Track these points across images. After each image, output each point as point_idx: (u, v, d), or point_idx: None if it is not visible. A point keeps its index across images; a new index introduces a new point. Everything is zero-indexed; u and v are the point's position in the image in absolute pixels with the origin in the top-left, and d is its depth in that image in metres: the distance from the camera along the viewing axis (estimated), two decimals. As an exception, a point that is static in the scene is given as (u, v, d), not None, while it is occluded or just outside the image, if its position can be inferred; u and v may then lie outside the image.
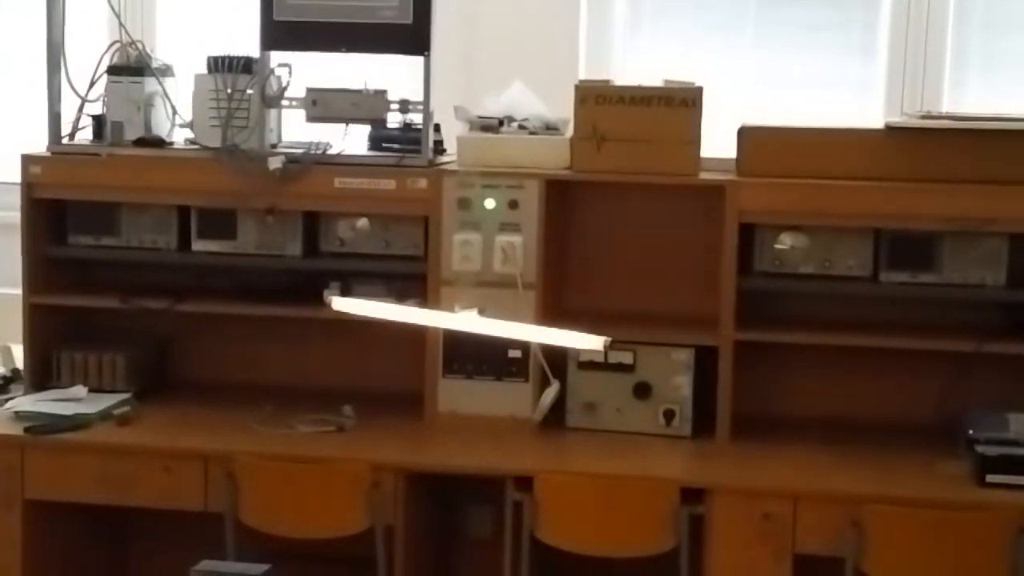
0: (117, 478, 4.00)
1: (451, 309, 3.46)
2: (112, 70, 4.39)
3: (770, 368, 4.30)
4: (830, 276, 4.11)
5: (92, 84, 4.42)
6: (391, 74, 4.34)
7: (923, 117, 4.22)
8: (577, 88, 4.17)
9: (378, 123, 4.31)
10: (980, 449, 3.81)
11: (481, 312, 3.20)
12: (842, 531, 3.65)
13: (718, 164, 4.17)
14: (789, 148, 4.08)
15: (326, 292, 4.23)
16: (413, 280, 4.27)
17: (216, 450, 3.99)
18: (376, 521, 3.87)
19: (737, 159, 4.13)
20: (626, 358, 4.15)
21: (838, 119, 4.42)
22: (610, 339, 2.74)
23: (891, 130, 4.06)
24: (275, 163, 4.19)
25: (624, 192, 4.34)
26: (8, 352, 4.87)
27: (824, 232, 4.08)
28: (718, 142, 4.23)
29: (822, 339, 4.11)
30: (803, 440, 4.10)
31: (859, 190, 4.01)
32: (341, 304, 3.20)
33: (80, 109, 4.44)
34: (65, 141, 4.43)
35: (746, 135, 4.12)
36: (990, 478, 3.72)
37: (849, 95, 5.28)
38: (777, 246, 4.08)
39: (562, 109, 4.27)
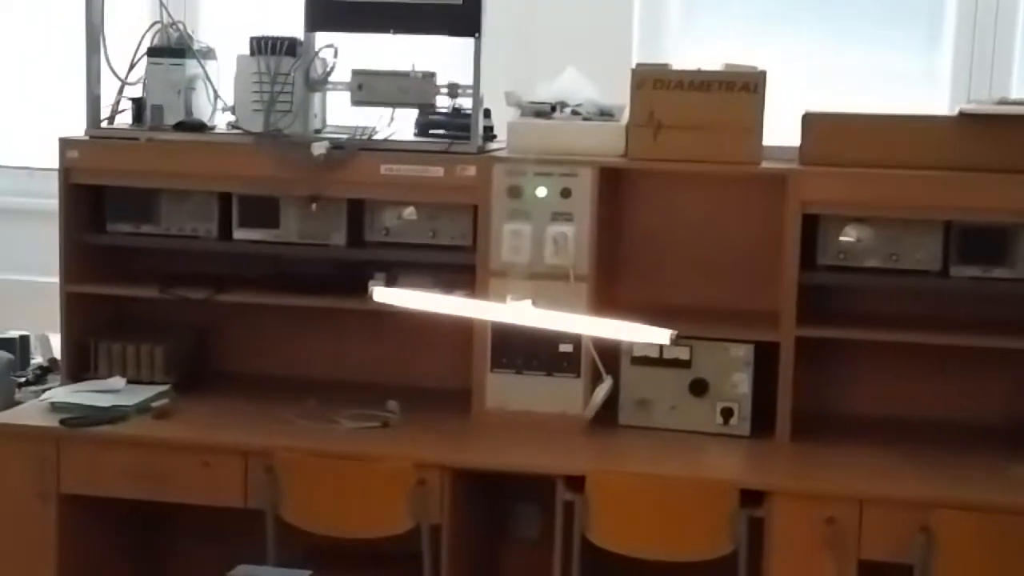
0: (154, 473, 3.89)
1: (500, 301, 3.33)
2: (152, 52, 4.29)
3: (833, 366, 4.17)
4: (897, 270, 3.96)
5: (132, 66, 4.32)
6: (440, 57, 4.21)
7: (998, 103, 4.04)
8: (634, 72, 4.04)
9: (426, 108, 4.19)
10: (1055, 453, 3.65)
11: (532, 306, 3.05)
12: (910, 537, 3.51)
13: (780, 153, 4.03)
14: (856, 136, 3.93)
15: (371, 283, 4.11)
16: (461, 271, 4.15)
17: (256, 445, 3.87)
18: (421, 520, 3.76)
19: (801, 147, 3.98)
20: (682, 354, 4.02)
21: (902, 110, 4.25)
22: (675, 332, 2.59)
23: (964, 117, 3.89)
24: (319, 149, 4.07)
25: (682, 181, 4.22)
26: (46, 341, 4.80)
27: (891, 224, 3.93)
28: (777, 133, 4.08)
29: (888, 336, 3.97)
30: (867, 441, 3.96)
31: (929, 180, 3.86)
32: (384, 295, 3.05)
33: (120, 92, 4.35)
34: (104, 125, 4.33)
35: (811, 122, 3.97)
36: (1066, 484, 3.56)
37: (913, 87, 5.13)
38: (842, 238, 3.95)
39: (615, 95, 4.15)
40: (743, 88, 3.94)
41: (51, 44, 5.38)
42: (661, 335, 2.56)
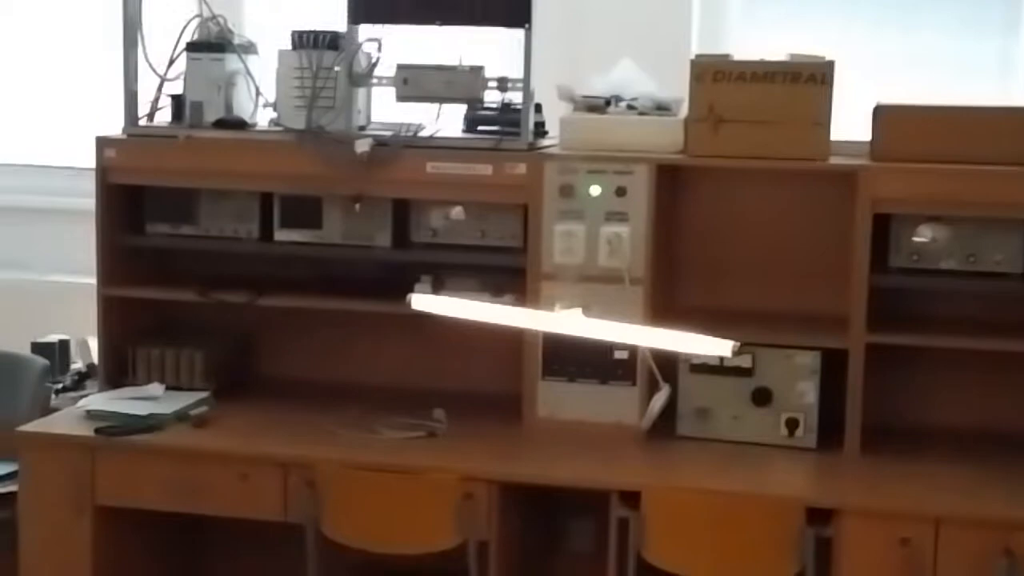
0: (192, 484, 3.76)
1: (551, 305, 3.16)
2: (192, 47, 4.16)
3: (905, 374, 3.98)
4: (975, 273, 3.79)
5: (171, 62, 4.20)
6: (489, 50, 4.05)
7: (1082, 95, 3.82)
8: (693, 64, 3.87)
9: (474, 103, 4.04)
10: None
11: (585, 311, 2.86)
12: (992, 561, 3.31)
13: (850, 148, 3.86)
14: (931, 129, 3.74)
15: (417, 286, 3.98)
16: (511, 274, 3.99)
17: (297, 456, 3.72)
18: (468, 536, 3.59)
19: (871, 142, 3.81)
20: (744, 361, 3.84)
21: (976, 100, 4.04)
22: (738, 343, 2.38)
23: (1047, 109, 3.68)
24: (363, 146, 3.93)
25: (744, 178, 4.03)
26: (85, 346, 4.71)
27: (969, 223, 3.76)
28: (845, 127, 3.91)
29: (965, 343, 3.78)
30: (944, 455, 3.78)
31: (1009, 177, 3.66)
32: (423, 303, 2.86)
33: (159, 89, 4.23)
34: (143, 123, 4.20)
35: (883, 115, 3.78)
36: None
37: (987, 77, 4.90)
38: (915, 239, 3.78)
39: (673, 88, 4.00)
40: (809, 79, 3.76)
41: (88, 39, 5.26)
42: (722, 347, 2.35)
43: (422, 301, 2.92)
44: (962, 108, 3.78)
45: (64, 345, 4.70)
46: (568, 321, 2.71)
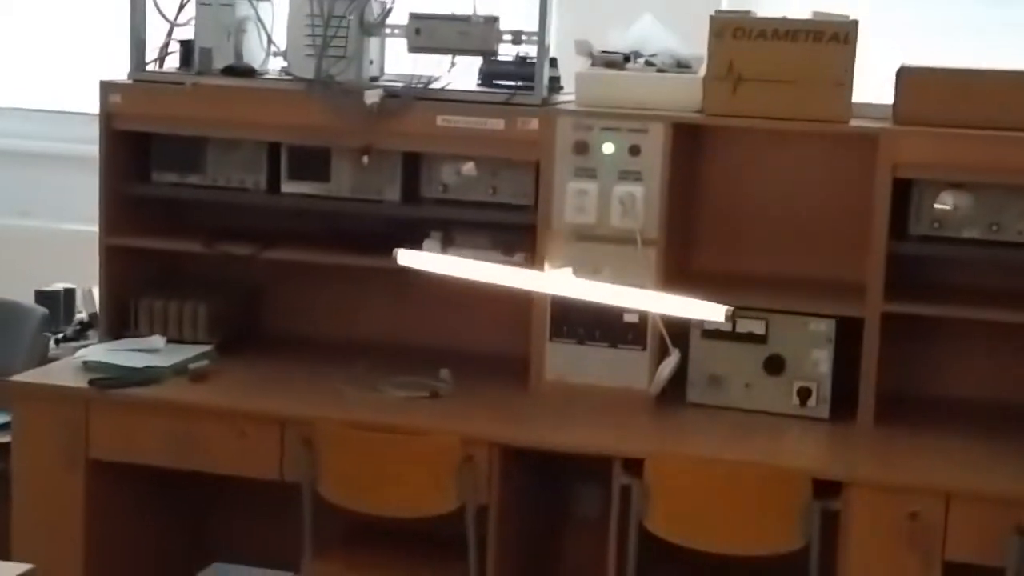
0: (187, 440, 3.68)
1: (561, 265, 3.05)
2: (201, -9, 4.06)
3: (923, 345, 3.89)
4: (998, 242, 3.68)
5: (181, 7, 4.12)
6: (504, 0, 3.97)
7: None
8: (712, 19, 3.76)
9: (488, 55, 3.93)
10: None
11: (596, 272, 2.75)
12: (1003, 538, 3.21)
13: (872, 110, 3.76)
14: (955, 92, 3.62)
15: (426, 242, 3.89)
16: (521, 232, 3.89)
17: (295, 414, 3.63)
18: (467, 500, 3.50)
19: (894, 105, 3.70)
20: (757, 327, 3.75)
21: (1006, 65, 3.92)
22: (732, 308, 2.27)
23: (1077, 74, 3.56)
24: (372, 97, 3.84)
25: (762, 140, 3.93)
26: (90, 295, 4.64)
27: (993, 191, 3.64)
28: (868, 89, 3.81)
29: (985, 314, 3.69)
30: (958, 429, 3.68)
31: (1036, 143, 3.55)
32: (409, 259, 2.75)
33: (168, 34, 4.14)
34: (152, 68, 4.11)
35: (906, 77, 3.66)
36: None
37: (1018, 45, 4.76)
38: (937, 206, 3.66)
39: (696, 44, 3.88)
40: (832, 38, 3.65)
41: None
42: (715, 311, 2.25)
43: (407, 257, 2.80)
44: (988, 71, 3.67)
45: (69, 294, 4.63)
46: (556, 281, 2.59)
